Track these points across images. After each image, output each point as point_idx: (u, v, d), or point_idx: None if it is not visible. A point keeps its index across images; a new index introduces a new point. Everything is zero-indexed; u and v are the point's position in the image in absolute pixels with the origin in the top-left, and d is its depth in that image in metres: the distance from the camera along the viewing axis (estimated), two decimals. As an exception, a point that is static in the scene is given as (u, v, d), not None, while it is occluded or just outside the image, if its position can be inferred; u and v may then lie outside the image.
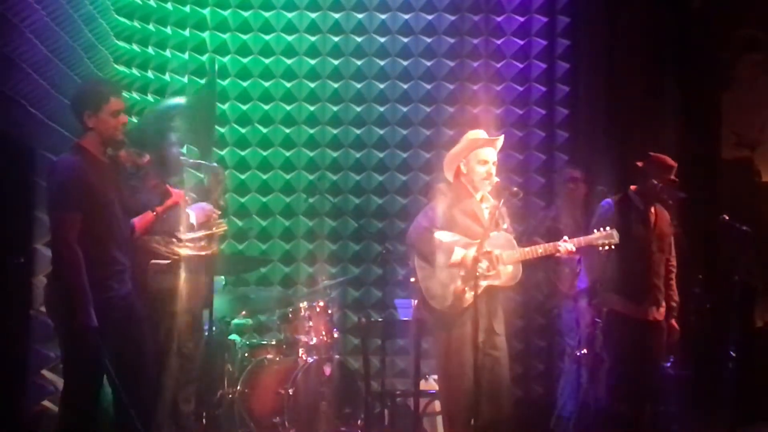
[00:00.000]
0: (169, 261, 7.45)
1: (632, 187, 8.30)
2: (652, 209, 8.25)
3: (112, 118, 6.37)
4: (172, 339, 7.84)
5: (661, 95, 10.92)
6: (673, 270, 8.37)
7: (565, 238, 7.44)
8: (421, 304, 7.44)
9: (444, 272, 7.22)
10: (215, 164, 7.97)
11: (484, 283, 7.20)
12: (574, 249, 7.40)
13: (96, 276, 6.19)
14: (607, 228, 7.53)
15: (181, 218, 7.44)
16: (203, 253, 7.62)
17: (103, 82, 7.61)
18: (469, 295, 7.10)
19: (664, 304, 8.22)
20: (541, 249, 7.37)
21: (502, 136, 7.64)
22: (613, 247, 7.50)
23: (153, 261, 7.35)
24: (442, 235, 7.28)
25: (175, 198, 7.07)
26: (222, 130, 10.41)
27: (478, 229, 7.27)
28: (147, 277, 7.31)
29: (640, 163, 8.27)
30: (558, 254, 7.47)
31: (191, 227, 7.53)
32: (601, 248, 7.50)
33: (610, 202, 8.23)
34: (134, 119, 8.88)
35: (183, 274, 7.67)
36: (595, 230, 7.53)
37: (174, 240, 7.48)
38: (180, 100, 9.07)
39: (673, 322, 8.32)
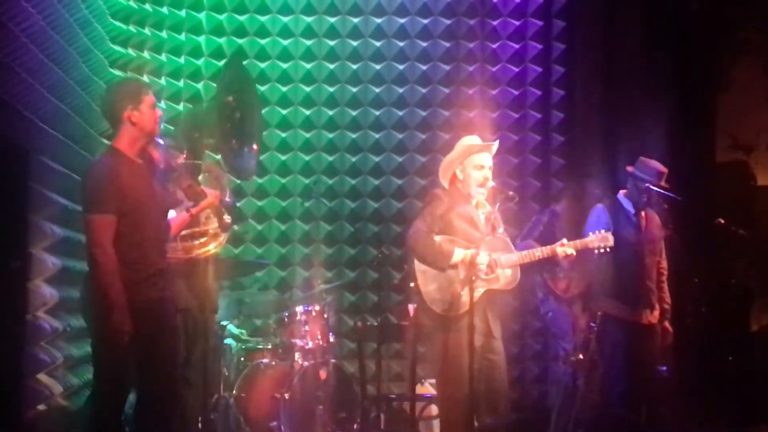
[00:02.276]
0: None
1: (622, 191, 8.31)
2: (643, 213, 8.26)
3: (152, 110, 6.39)
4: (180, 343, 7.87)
5: (657, 99, 10.91)
6: (664, 273, 8.39)
7: (564, 241, 7.45)
8: (420, 309, 7.43)
9: (444, 276, 7.23)
10: (210, 163, 7.94)
11: (482, 288, 7.21)
12: (573, 252, 7.41)
13: (132, 279, 6.19)
14: (602, 230, 7.53)
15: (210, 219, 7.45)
16: (201, 252, 7.59)
17: (134, 79, 7.66)
18: (468, 299, 7.10)
19: (657, 307, 8.23)
20: (539, 252, 7.38)
21: (497, 141, 7.65)
22: (608, 249, 7.50)
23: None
24: (441, 240, 7.28)
25: (210, 199, 7.06)
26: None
27: (476, 234, 7.28)
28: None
29: (630, 168, 8.28)
30: (556, 257, 7.46)
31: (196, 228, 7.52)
32: (597, 251, 7.51)
33: (601, 207, 8.24)
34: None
35: (186, 276, 7.68)
36: (591, 233, 7.53)
37: (180, 242, 7.46)
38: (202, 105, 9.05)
39: (667, 324, 8.34)
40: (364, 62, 10.77)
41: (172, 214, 7.05)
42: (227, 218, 7.46)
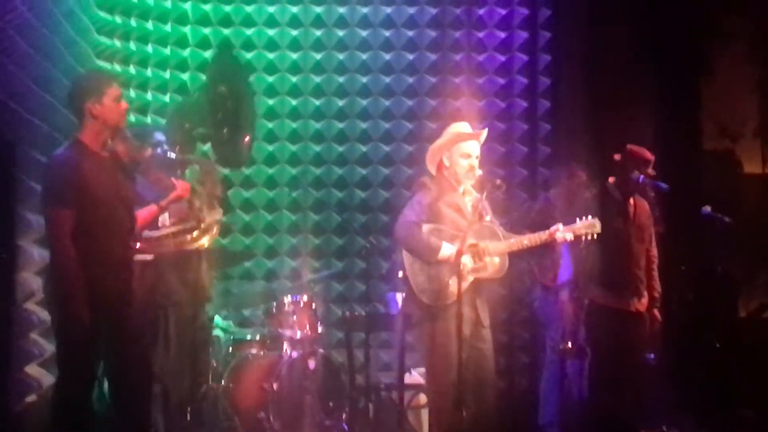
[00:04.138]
0: (151, 257, 7.43)
1: (610, 179, 8.32)
2: (631, 201, 8.28)
3: (116, 103, 6.34)
4: (160, 334, 7.87)
5: (643, 87, 10.94)
6: (654, 260, 8.40)
7: (559, 226, 7.43)
8: (409, 299, 7.42)
9: (433, 266, 7.22)
10: (202, 158, 7.93)
11: (470, 277, 7.22)
12: (568, 238, 7.41)
13: (95, 271, 6.17)
14: (589, 217, 7.53)
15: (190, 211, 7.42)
16: (191, 246, 7.58)
17: (98, 71, 7.62)
18: (456, 289, 7.09)
19: (645, 294, 8.25)
20: (526, 240, 7.38)
21: (486, 129, 7.64)
22: (595, 236, 7.50)
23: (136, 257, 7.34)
24: (429, 229, 7.27)
25: (180, 191, 7.04)
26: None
27: (463, 222, 7.26)
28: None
29: (617, 156, 8.29)
30: (549, 240, 7.45)
31: (163, 222, 7.49)
32: (584, 237, 7.50)
33: (590, 196, 8.26)
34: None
35: (172, 269, 7.69)
36: (578, 219, 7.52)
37: (153, 236, 7.44)
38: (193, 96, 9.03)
39: (656, 312, 8.35)
40: (351, 51, 10.76)
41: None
42: (219, 211, 7.47)
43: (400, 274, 7.43)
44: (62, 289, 6.11)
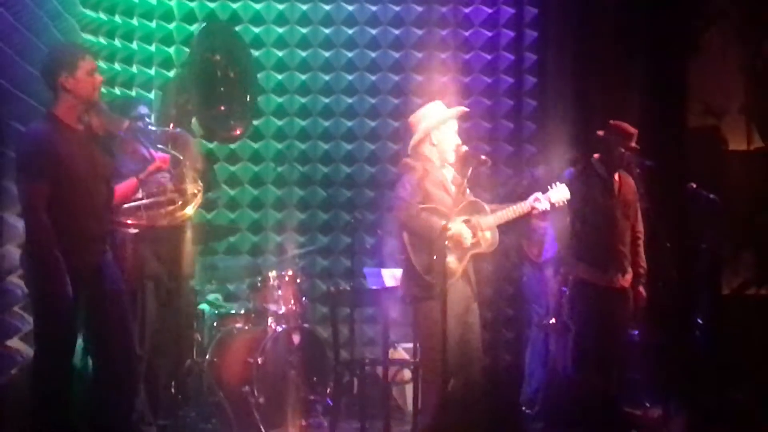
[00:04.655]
0: (135, 231, 7.42)
1: (595, 155, 8.33)
2: (616, 177, 8.28)
3: (89, 77, 6.33)
4: (144, 309, 7.86)
5: (629, 64, 10.95)
6: (639, 237, 8.40)
7: (539, 195, 7.46)
8: (410, 279, 7.37)
9: (436, 245, 7.18)
10: (178, 130, 7.89)
11: (469, 253, 7.27)
12: (548, 206, 7.44)
13: (71, 245, 6.17)
14: (557, 183, 7.58)
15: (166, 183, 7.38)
16: (176, 220, 7.56)
17: (72, 44, 7.59)
18: (457, 265, 7.19)
19: (630, 271, 8.26)
20: (511, 211, 7.41)
21: (462, 107, 7.66)
22: (565, 201, 7.54)
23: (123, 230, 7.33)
24: (423, 209, 7.26)
25: (158, 163, 7.02)
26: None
27: (448, 199, 7.28)
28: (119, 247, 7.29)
29: (600, 132, 8.30)
30: (533, 212, 7.48)
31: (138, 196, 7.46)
32: (557, 204, 7.53)
33: (572, 170, 8.26)
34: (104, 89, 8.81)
35: (152, 243, 7.67)
36: (549, 187, 7.57)
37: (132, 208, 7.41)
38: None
39: (641, 288, 8.36)
40: (337, 26, 10.74)
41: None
42: (199, 183, 7.44)
43: (402, 255, 7.39)
44: (38, 262, 6.12)
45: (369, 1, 10.77)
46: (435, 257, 7.09)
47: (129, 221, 7.24)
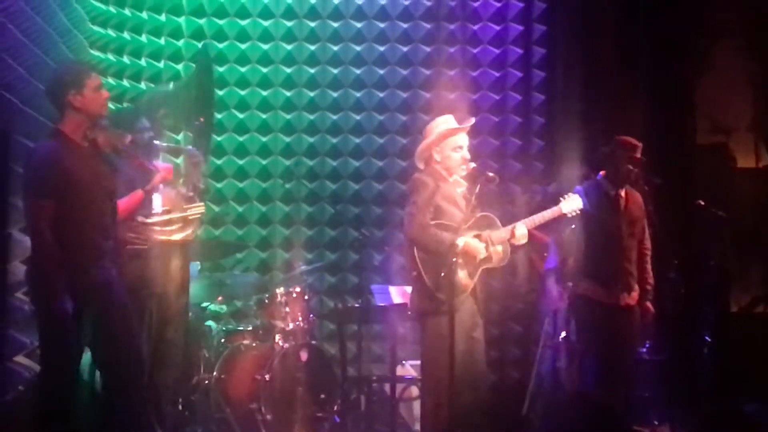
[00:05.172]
0: (139, 247, 7.43)
1: (601, 173, 8.32)
2: (623, 193, 8.26)
3: (97, 93, 6.36)
4: (150, 325, 7.86)
5: (637, 80, 10.94)
6: (647, 253, 8.37)
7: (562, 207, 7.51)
8: (422, 296, 7.33)
9: (444, 262, 7.19)
10: (190, 147, 7.93)
11: (480, 268, 7.27)
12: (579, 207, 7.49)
13: (77, 262, 6.18)
14: (570, 194, 7.58)
15: (166, 199, 7.41)
16: (174, 237, 7.59)
17: (78, 61, 7.61)
18: (468, 281, 7.18)
19: (637, 288, 8.24)
20: (540, 217, 7.46)
21: (473, 119, 7.64)
22: (579, 211, 7.55)
23: (128, 247, 7.33)
24: (434, 225, 7.26)
25: (163, 174, 7.04)
26: (217, 116, 10.35)
27: (459, 214, 7.26)
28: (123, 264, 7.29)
29: (606, 148, 8.30)
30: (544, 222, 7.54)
31: (155, 211, 7.49)
32: (569, 215, 7.54)
33: (579, 188, 8.24)
34: (111, 105, 8.83)
35: (155, 260, 7.67)
36: (561, 199, 7.57)
37: (142, 225, 7.44)
38: (168, 86, 9.03)
39: (648, 304, 8.33)
40: (345, 43, 10.75)
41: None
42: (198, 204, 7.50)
43: (414, 273, 7.36)
44: (43, 279, 6.13)
45: (377, 18, 10.78)
46: (444, 273, 7.11)
47: (142, 236, 7.28)
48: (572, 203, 7.56)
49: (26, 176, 6.32)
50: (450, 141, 7.38)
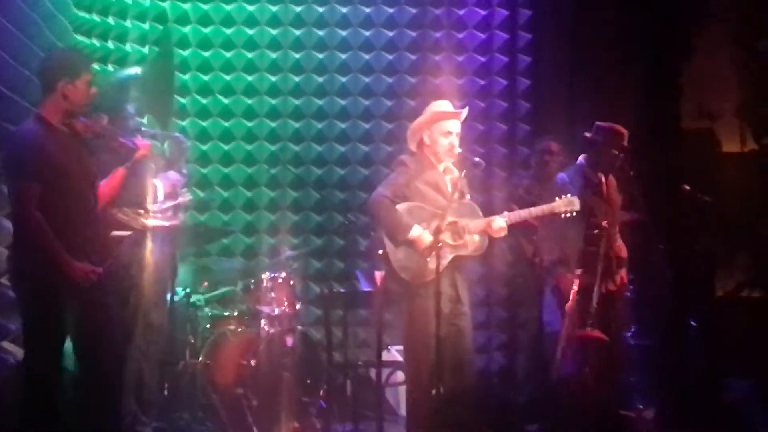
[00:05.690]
0: (129, 232, 7.42)
1: (581, 156, 8.32)
2: (603, 178, 8.27)
3: (87, 87, 6.36)
4: (137, 311, 7.86)
5: (623, 65, 10.94)
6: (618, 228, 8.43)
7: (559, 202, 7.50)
8: (389, 276, 7.44)
9: (411, 244, 7.24)
10: (177, 134, 7.93)
11: (450, 254, 7.25)
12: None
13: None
14: (568, 195, 7.56)
15: (147, 185, 7.40)
16: (169, 223, 7.59)
17: (80, 51, 7.60)
18: (435, 266, 7.11)
19: (620, 272, 8.26)
20: (527, 212, 7.46)
21: (467, 108, 7.66)
22: (574, 213, 7.54)
23: (113, 233, 7.31)
24: (409, 207, 7.30)
25: (142, 150, 7.01)
26: (183, 100, 10.34)
27: (442, 200, 7.29)
28: (109, 249, 7.26)
29: (587, 134, 8.29)
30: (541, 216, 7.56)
31: (157, 197, 7.50)
32: (563, 215, 7.54)
33: (563, 176, 8.24)
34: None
35: (148, 246, 7.66)
36: (557, 198, 7.55)
37: (141, 211, 7.44)
38: (136, 69, 8.99)
39: (623, 273, 8.34)
40: (330, 28, 10.73)
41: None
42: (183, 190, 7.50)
43: (380, 251, 7.44)
44: (46, 253, 6.10)
45: (362, 3, 10.76)
46: (404, 256, 7.20)
47: (132, 222, 7.27)
48: (568, 204, 7.53)
49: (9, 160, 6.30)
50: (441, 125, 7.42)
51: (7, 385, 7.42)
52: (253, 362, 8.56)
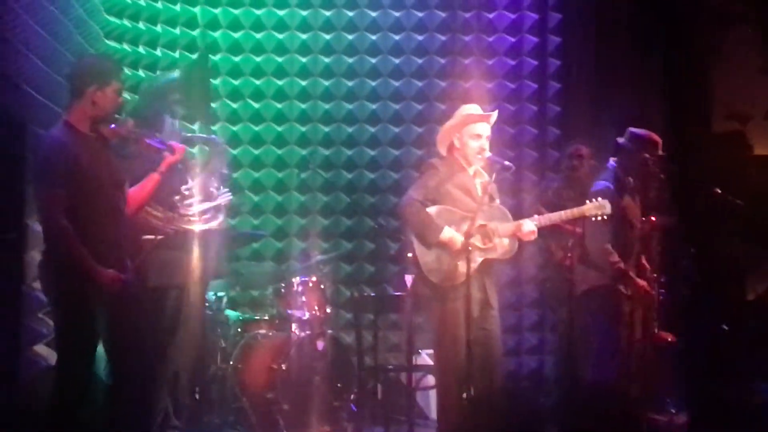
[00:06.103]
0: (161, 236, 7.43)
1: (612, 159, 8.31)
2: (632, 181, 8.27)
3: (116, 96, 6.37)
4: (176, 314, 7.87)
5: (653, 68, 10.92)
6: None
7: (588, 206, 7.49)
8: (418, 279, 7.45)
9: (441, 246, 7.25)
10: (213, 136, 7.93)
11: (479, 257, 7.25)
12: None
13: (88, 252, 6.18)
14: (599, 198, 7.55)
15: (182, 188, 7.40)
16: (207, 226, 7.58)
17: (111, 59, 7.61)
18: (465, 269, 7.11)
19: (648, 275, 8.25)
20: (535, 221, 7.43)
21: (496, 111, 7.67)
22: (605, 217, 7.53)
23: (145, 237, 7.32)
24: (438, 210, 7.31)
25: (176, 154, 6.98)
26: (214, 105, 10.36)
27: (472, 204, 7.29)
28: (142, 253, 7.29)
29: (620, 140, 8.28)
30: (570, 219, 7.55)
31: (194, 200, 7.50)
32: (593, 219, 7.53)
33: (608, 184, 8.19)
34: (127, 95, 8.84)
35: (185, 249, 7.68)
36: (587, 201, 7.55)
37: (174, 214, 7.44)
38: (175, 74, 9.02)
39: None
40: (360, 33, 10.74)
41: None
42: (225, 191, 7.48)
43: (409, 254, 7.45)
44: (74, 261, 6.11)
45: (392, 7, 10.77)
46: (434, 258, 7.21)
47: (169, 225, 7.28)
48: (599, 208, 7.52)
49: (37, 166, 6.32)
50: (471, 128, 7.43)
51: (37, 388, 7.47)
52: (283, 366, 8.56)
